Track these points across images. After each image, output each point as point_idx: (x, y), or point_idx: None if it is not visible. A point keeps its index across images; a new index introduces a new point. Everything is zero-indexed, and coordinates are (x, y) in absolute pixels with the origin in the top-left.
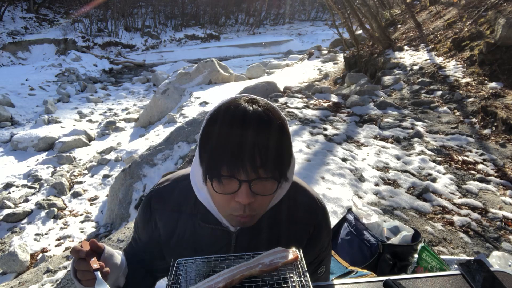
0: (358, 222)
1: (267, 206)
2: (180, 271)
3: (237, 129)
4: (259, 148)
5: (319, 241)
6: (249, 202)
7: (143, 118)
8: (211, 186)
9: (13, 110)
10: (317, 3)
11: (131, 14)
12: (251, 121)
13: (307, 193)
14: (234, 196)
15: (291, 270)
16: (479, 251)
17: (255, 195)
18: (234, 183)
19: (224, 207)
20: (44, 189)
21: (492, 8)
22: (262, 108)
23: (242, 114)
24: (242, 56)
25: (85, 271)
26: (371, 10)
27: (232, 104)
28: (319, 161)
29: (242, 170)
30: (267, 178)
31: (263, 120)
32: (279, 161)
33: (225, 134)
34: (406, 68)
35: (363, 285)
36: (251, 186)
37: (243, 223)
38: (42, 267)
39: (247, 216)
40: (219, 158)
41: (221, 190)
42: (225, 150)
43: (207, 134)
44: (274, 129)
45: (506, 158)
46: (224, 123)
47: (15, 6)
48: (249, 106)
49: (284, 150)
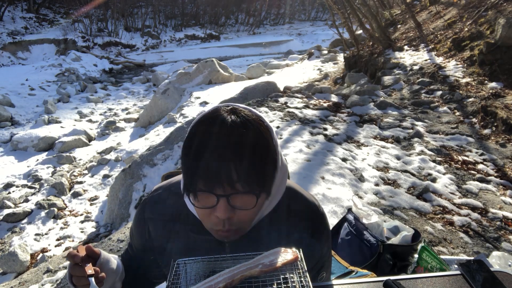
0: (358, 222)
1: (251, 220)
2: (180, 271)
3: (213, 143)
4: (236, 162)
5: (318, 248)
6: (228, 217)
7: (143, 118)
8: (189, 201)
9: (13, 110)
10: (317, 3)
11: (131, 14)
12: (227, 134)
13: (304, 200)
14: (213, 211)
15: (291, 270)
16: (479, 251)
17: (234, 210)
18: (212, 197)
19: (204, 221)
20: (44, 189)
21: (492, 8)
22: (242, 119)
23: (219, 127)
24: (242, 56)
25: (80, 276)
26: (371, 10)
27: (210, 116)
28: (319, 161)
29: (218, 185)
30: (245, 193)
31: (241, 133)
32: (258, 175)
33: (201, 148)
34: (406, 68)
35: (363, 285)
36: (230, 201)
37: (225, 237)
38: (42, 267)
39: (227, 230)
40: (196, 173)
41: (200, 204)
42: (202, 165)
43: (186, 148)
44: (253, 141)
45: (506, 158)
46: (201, 136)
47: (15, 6)
48: (228, 117)
49: (265, 163)
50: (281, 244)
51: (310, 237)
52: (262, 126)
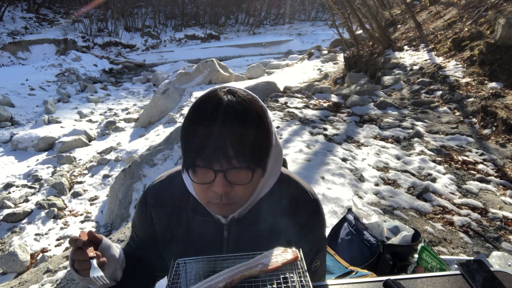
0: (358, 222)
1: (247, 196)
2: (180, 271)
3: (211, 121)
4: (232, 138)
5: (312, 233)
6: (225, 192)
7: (143, 118)
8: (188, 177)
9: (13, 110)
10: (317, 3)
11: (131, 14)
12: (224, 112)
13: (299, 186)
14: (210, 186)
15: (291, 270)
16: (479, 251)
17: (231, 185)
18: (210, 173)
19: (202, 196)
20: (44, 189)
21: (492, 8)
22: (238, 99)
23: (216, 106)
24: (242, 56)
25: (82, 260)
26: (371, 10)
27: (208, 96)
28: (319, 161)
29: (216, 160)
30: (241, 168)
31: (237, 111)
32: (254, 151)
33: (199, 126)
34: (406, 68)
35: (363, 285)
36: (226, 176)
37: (222, 212)
38: (42, 267)
39: (224, 204)
40: (194, 149)
41: (198, 180)
42: (200, 142)
43: (185, 127)
44: (249, 119)
45: (506, 158)
46: (199, 115)
47: (15, 6)
48: (225, 97)
49: (260, 140)
50: (277, 227)
51: (304, 222)
52: (257, 106)
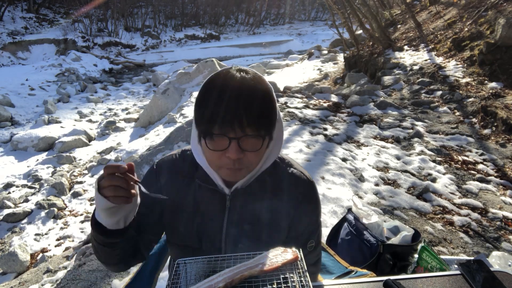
0: (358, 222)
1: (256, 162)
2: (180, 271)
3: (227, 93)
4: (246, 109)
5: (308, 211)
6: (238, 158)
7: (143, 118)
8: (205, 144)
9: (13, 110)
10: (317, 3)
11: (131, 14)
12: (238, 85)
13: (298, 167)
14: (225, 153)
15: (291, 270)
16: (479, 251)
17: (243, 151)
18: (225, 140)
19: (216, 162)
20: (44, 189)
21: (492, 8)
22: (249, 75)
23: (231, 80)
24: (242, 56)
25: (118, 186)
26: (371, 10)
27: (222, 73)
28: (319, 161)
29: (231, 129)
30: (253, 136)
31: (250, 85)
32: (264, 121)
33: (216, 97)
34: (406, 68)
35: (363, 285)
36: (240, 143)
37: (233, 177)
38: (42, 267)
39: (236, 169)
40: (211, 119)
41: (213, 147)
42: (217, 112)
43: (201, 98)
44: (260, 93)
45: (506, 158)
46: (215, 88)
47: (15, 6)
48: (237, 73)
49: (269, 111)
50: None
51: (302, 198)
52: (265, 82)
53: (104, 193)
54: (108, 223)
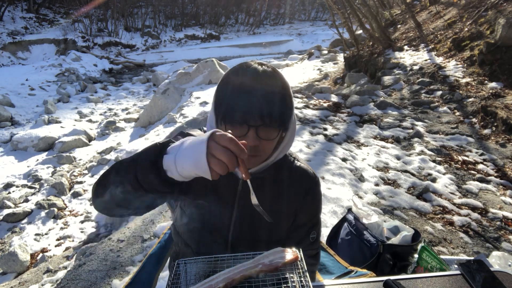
0: (358, 222)
1: (270, 150)
2: (180, 271)
3: (250, 83)
4: (267, 100)
5: (312, 203)
6: (254, 145)
7: (143, 118)
8: (224, 129)
9: (13, 110)
10: (317, 3)
11: (131, 14)
12: (261, 78)
13: (305, 163)
14: (242, 139)
15: (291, 270)
16: (479, 251)
17: (260, 139)
18: (244, 127)
19: None
20: (44, 189)
21: (492, 8)
22: (270, 69)
23: (254, 72)
24: (242, 56)
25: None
26: (371, 10)
27: (243, 65)
28: (319, 161)
29: (251, 117)
30: (271, 126)
31: (271, 78)
32: (282, 112)
33: (239, 86)
34: (406, 68)
35: (363, 285)
36: (258, 131)
37: (248, 162)
38: (42, 267)
39: (250, 156)
40: (233, 106)
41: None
42: (239, 100)
43: (223, 86)
44: (280, 86)
45: (506, 158)
46: (239, 77)
47: (15, 6)
48: (259, 66)
49: (287, 104)
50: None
51: (307, 191)
52: (284, 77)
53: (211, 163)
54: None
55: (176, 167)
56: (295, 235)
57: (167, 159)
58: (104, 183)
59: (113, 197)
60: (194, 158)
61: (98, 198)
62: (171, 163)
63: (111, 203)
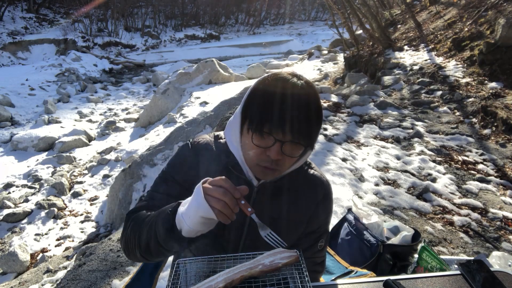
0: (358, 222)
1: (289, 167)
2: (180, 271)
3: (284, 96)
4: (299, 116)
5: (324, 212)
6: (277, 159)
7: (143, 118)
8: (251, 138)
9: (13, 110)
10: (317, 3)
11: (131, 14)
12: (297, 92)
13: (318, 171)
14: (266, 151)
15: (291, 270)
16: (479, 251)
17: (283, 155)
18: (270, 139)
19: (253, 158)
20: (44, 189)
21: (492, 8)
22: (306, 83)
23: (291, 84)
24: (242, 56)
25: (226, 204)
26: (371, 10)
27: (277, 75)
28: (319, 161)
29: (281, 131)
30: (297, 143)
31: (306, 93)
32: (312, 131)
33: (273, 97)
34: (406, 68)
35: (363, 285)
36: (283, 146)
37: (266, 174)
38: (42, 267)
39: (270, 169)
40: (265, 117)
41: (258, 143)
42: (271, 111)
43: (256, 94)
44: (313, 104)
45: (506, 158)
46: (273, 88)
47: (15, 6)
48: (294, 79)
49: (317, 124)
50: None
51: (320, 199)
52: (318, 94)
53: (211, 202)
54: (194, 229)
55: (184, 220)
56: (304, 242)
57: (177, 218)
58: (128, 252)
59: (145, 258)
60: (195, 200)
61: (133, 259)
62: (180, 218)
63: (147, 259)
